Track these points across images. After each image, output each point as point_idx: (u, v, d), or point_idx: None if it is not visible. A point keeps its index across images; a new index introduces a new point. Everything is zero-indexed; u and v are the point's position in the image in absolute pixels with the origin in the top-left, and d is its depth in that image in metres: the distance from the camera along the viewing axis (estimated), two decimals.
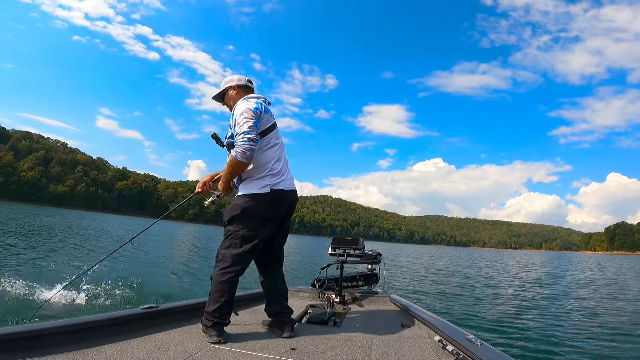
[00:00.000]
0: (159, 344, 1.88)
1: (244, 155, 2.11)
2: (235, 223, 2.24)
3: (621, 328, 6.47)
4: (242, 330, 2.36)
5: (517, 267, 23.92)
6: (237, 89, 2.48)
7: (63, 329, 1.77)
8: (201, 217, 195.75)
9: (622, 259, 77.53)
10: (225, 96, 2.52)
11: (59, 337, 1.73)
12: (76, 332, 1.80)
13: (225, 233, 2.28)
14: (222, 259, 2.21)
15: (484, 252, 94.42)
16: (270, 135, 2.34)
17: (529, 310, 7.73)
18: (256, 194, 2.24)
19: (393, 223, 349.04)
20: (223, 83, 2.53)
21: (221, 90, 2.53)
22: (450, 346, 2.01)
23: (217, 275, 2.17)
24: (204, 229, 70.67)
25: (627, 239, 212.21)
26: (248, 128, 2.13)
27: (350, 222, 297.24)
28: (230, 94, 2.49)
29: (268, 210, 2.27)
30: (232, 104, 2.43)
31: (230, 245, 2.22)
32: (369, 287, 3.99)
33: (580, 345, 5.09)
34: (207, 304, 2.16)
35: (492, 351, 1.81)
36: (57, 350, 1.62)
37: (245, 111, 2.20)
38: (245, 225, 2.23)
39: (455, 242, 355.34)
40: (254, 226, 2.24)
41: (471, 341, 1.89)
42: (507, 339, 5.23)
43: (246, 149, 2.10)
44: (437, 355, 1.98)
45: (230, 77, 2.52)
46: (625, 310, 8.67)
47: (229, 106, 2.49)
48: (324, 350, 1.99)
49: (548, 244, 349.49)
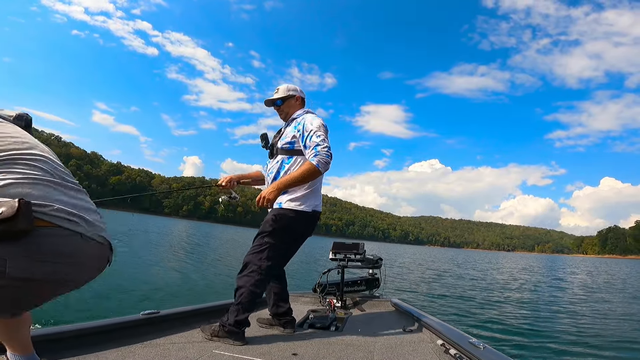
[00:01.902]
0: (160, 350, 1.87)
1: (325, 167, 2.19)
2: (277, 236, 2.26)
3: (628, 333, 6.44)
4: None
5: (515, 270, 23.98)
6: (300, 100, 2.54)
7: (61, 335, 1.73)
8: (195, 213, 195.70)
9: (615, 262, 78.82)
10: (285, 102, 2.50)
11: (58, 343, 1.69)
12: (75, 338, 1.77)
13: (262, 243, 2.26)
14: (258, 270, 2.20)
15: (478, 254, 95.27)
16: None
17: (532, 313, 7.69)
18: (301, 211, 2.28)
19: (388, 223, 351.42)
20: (286, 89, 2.51)
21: (284, 95, 2.50)
22: (453, 350, 1.99)
23: (252, 286, 2.17)
24: (200, 226, 70.59)
25: (619, 243, 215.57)
26: (329, 143, 2.23)
27: (346, 222, 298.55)
28: (293, 103, 2.51)
29: (306, 229, 2.36)
30: (290, 111, 2.49)
31: (269, 257, 2.23)
32: (371, 291, 3.92)
33: (583, 349, 5.05)
34: (234, 312, 2.13)
35: (495, 354, 1.80)
36: (56, 357, 1.57)
37: (324, 126, 2.30)
38: (287, 241, 2.30)
39: (449, 244, 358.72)
40: (294, 242, 2.36)
41: (474, 345, 1.88)
42: (510, 342, 5.17)
43: (328, 162, 2.19)
44: (439, 359, 1.96)
45: (294, 87, 2.54)
46: (632, 313, 8.67)
47: (284, 112, 2.51)
48: (325, 355, 1.97)
49: (540, 247, 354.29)
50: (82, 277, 1.14)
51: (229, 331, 2.10)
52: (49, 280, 1.04)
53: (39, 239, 1.00)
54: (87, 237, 1.10)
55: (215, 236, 36.23)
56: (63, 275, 1.06)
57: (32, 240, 0.99)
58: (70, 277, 1.09)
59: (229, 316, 2.13)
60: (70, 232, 1.05)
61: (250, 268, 2.21)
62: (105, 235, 1.20)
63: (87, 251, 1.12)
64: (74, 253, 1.07)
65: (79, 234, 1.08)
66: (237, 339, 2.09)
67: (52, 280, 1.05)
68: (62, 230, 1.04)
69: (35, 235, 0.99)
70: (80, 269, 1.12)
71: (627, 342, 5.64)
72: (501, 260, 46.12)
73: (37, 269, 1.00)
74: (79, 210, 1.13)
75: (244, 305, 2.15)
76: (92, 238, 1.12)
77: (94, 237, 1.13)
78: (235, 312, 2.13)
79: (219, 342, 2.08)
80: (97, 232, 1.15)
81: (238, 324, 2.11)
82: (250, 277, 2.18)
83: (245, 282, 2.18)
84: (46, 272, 1.02)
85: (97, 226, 1.17)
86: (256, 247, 2.25)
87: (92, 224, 1.15)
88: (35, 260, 0.99)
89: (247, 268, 2.23)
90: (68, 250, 1.05)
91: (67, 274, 1.08)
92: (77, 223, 1.08)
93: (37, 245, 1.00)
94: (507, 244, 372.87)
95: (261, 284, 2.21)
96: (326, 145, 2.20)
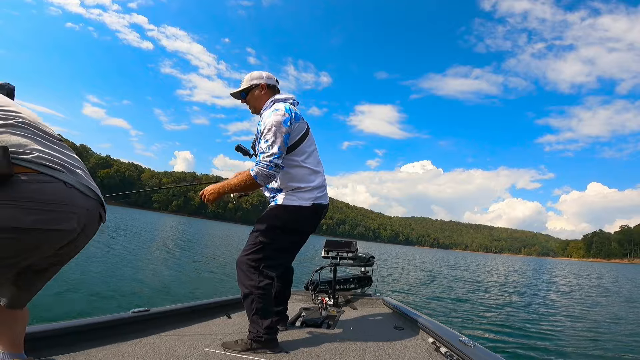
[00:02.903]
0: (150, 348, 1.84)
1: (265, 180, 1.97)
2: (273, 234, 2.08)
3: (610, 330, 6.63)
4: (235, 334, 2.30)
5: (503, 272, 24.36)
6: (266, 88, 2.19)
7: (50, 333, 1.70)
8: (185, 208, 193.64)
9: (600, 266, 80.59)
10: (249, 94, 2.21)
11: (46, 340, 1.66)
12: (64, 336, 1.74)
13: (256, 243, 2.07)
14: (259, 272, 2.04)
15: (467, 256, 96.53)
16: (303, 145, 2.13)
17: (521, 312, 7.84)
18: (299, 206, 2.09)
19: (379, 223, 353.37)
20: (248, 79, 2.20)
21: (245, 87, 2.20)
22: (443, 348, 2.02)
23: (259, 290, 2.01)
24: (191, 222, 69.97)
25: (603, 247, 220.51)
26: (277, 150, 1.94)
27: (337, 221, 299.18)
28: (257, 94, 2.19)
29: (307, 225, 2.17)
30: (257, 104, 2.19)
31: (265, 257, 2.06)
32: (362, 289, 3.93)
33: (570, 346, 5.15)
34: (257, 321, 1.99)
35: (485, 353, 1.83)
36: (44, 355, 1.55)
37: (275, 126, 1.96)
38: (283, 238, 2.11)
39: (439, 245, 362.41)
40: (294, 239, 2.18)
41: (464, 343, 1.90)
42: (499, 340, 5.24)
43: (269, 175, 1.95)
44: (430, 357, 1.99)
45: (258, 74, 2.21)
46: (614, 313, 8.95)
47: (252, 106, 2.22)
48: (317, 353, 1.99)
49: (527, 250, 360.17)
50: (72, 225, 1.05)
51: (265, 340, 1.97)
52: (39, 229, 0.99)
53: (19, 186, 0.96)
54: (70, 185, 1.05)
55: (207, 233, 35.91)
56: (54, 224, 1.01)
57: (13, 187, 0.95)
58: (62, 225, 1.02)
59: (256, 327, 1.99)
60: (51, 179, 1.01)
61: (249, 271, 2.04)
62: (93, 188, 1.14)
63: (73, 200, 1.05)
64: (59, 200, 1.01)
65: (61, 181, 1.03)
66: (274, 347, 1.98)
67: (43, 230, 1.00)
68: (43, 177, 0.99)
69: (15, 182, 0.96)
70: (70, 217, 1.05)
71: (613, 342, 5.76)
72: (489, 262, 46.85)
73: (23, 216, 0.96)
74: (61, 161, 1.09)
75: (261, 311, 2.00)
76: (75, 187, 1.07)
77: (78, 186, 1.08)
78: (258, 320, 1.99)
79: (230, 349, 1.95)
80: (81, 181, 1.11)
81: (270, 330, 1.99)
82: (253, 281, 2.02)
83: (250, 287, 2.01)
84: (35, 221, 0.98)
85: (82, 177, 1.13)
86: (251, 247, 2.07)
87: (76, 174, 1.11)
88: (20, 207, 0.95)
89: (246, 272, 2.05)
90: (51, 196, 1.00)
91: (58, 222, 1.02)
92: (60, 171, 1.04)
93: (19, 191, 0.96)
94: (494, 246, 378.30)
95: (267, 285, 2.04)
96: (271, 152, 1.93)
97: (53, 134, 1.19)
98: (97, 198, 1.15)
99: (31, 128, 1.09)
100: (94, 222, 1.16)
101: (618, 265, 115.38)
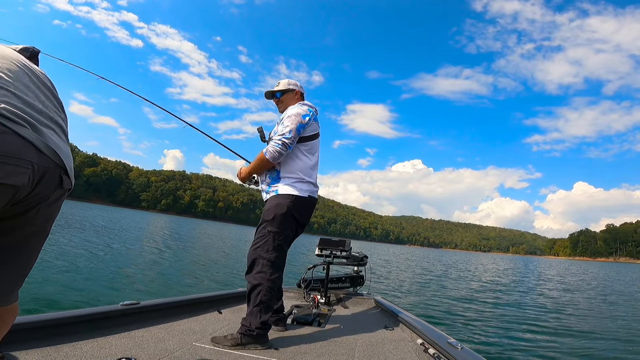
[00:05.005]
0: (138, 341, 1.83)
1: (273, 156, 2.16)
2: (279, 223, 2.17)
3: (598, 329, 6.72)
4: (225, 329, 2.29)
5: (492, 271, 24.62)
6: (299, 95, 2.52)
7: (37, 324, 1.68)
8: (174, 207, 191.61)
9: (586, 264, 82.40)
10: (284, 95, 2.50)
11: (33, 332, 1.64)
12: (51, 327, 1.73)
13: (265, 234, 2.16)
14: (269, 264, 2.11)
15: (456, 254, 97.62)
16: (314, 142, 2.37)
17: (508, 313, 7.89)
18: (298, 196, 2.22)
19: (370, 222, 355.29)
20: (286, 83, 2.52)
21: (283, 89, 2.50)
22: (432, 349, 2.04)
23: (269, 282, 2.07)
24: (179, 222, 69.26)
25: (589, 245, 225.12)
26: (289, 132, 2.17)
27: (328, 219, 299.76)
28: (291, 96, 2.50)
29: (304, 215, 2.29)
30: (288, 104, 2.45)
31: (275, 247, 2.14)
32: (355, 288, 3.94)
33: (558, 348, 5.19)
34: (257, 313, 2.01)
35: (472, 355, 1.86)
36: (30, 346, 1.54)
37: (294, 114, 2.24)
38: (288, 226, 2.20)
39: (429, 243, 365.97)
40: (293, 228, 2.26)
41: (452, 345, 1.93)
42: (487, 342, 5.26)
43: (277, 151, 2.15)
44: (418, 358, 2.02)
45: (295, 82, 2.55)
46: (600, 310, 9.12)
47: (282, 105, 2.49)
48: (307, 351, 1.99)
49: (515, 248, 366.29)
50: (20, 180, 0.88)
51: (257, 335, 1.98)
52: None
53: None
54: (28, 141, 0.92)
55: (198, 231, 35.61)
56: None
57: None
58: (8, 180, 0.86)
59: (251, 320, 2.00)
60: (8, 130, 0.89)
61: (260, 263, 2.11)
62: (54, 148, 0.99)
63: (25, 154, 0.91)
64: (10, 152, 0.88)
65: (18, 135, 0.90)
66: (264, 342, 1.99)
67: None
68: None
69: None
70: (17, 172, 0.89)
71: (602, 340, 5.83)
72: (479, 261, 47.53)
73: None
74: (29, 116, 0.96)
75: (265, 304, 2.04)
76: (35, 145, 0.93)
77: (36, 143, 0.94)
78: (258, 313, 2.01)
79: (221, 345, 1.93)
80: (44, 140, 0.97)
81: (264, 326, 2.01)
82: (264, 273, 2.08)
83: (260, 279, 2.07)
84: None
85: (47, 136, 0.99)
86: (260, 239, 2.16)
87: (41, 132, 0.98)
88: None
89: (256, 264, 2.12)
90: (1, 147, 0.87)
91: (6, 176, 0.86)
92: (21, 125, 0.92)
93: None
94: (483, 244, 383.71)
95: (277, 279, 2.12)
96: (283, 133, 2.17)
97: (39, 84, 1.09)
98: (57, 160, 1.00)
99: (7, 78, 0.98)
100: (51, 184, 1.00)
101: (603, 263, 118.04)
